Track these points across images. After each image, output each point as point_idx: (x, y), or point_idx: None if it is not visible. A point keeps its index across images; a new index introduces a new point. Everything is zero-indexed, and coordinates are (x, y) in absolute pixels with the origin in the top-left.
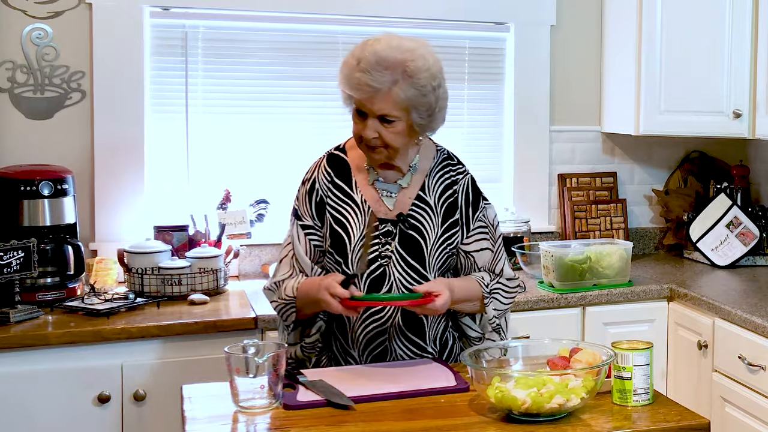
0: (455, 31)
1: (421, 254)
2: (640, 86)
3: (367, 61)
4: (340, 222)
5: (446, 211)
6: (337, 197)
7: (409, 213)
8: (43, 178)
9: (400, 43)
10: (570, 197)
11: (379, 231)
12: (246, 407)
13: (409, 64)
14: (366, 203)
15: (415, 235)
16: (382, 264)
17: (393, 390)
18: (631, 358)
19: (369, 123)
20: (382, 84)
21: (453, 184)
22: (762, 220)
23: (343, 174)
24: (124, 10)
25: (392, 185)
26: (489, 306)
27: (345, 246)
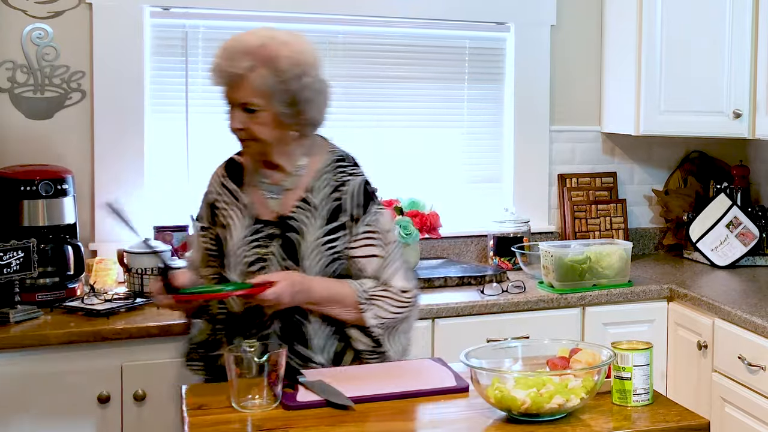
0: (455, 31)
1: (296, 256)
2: (640, 86)
3: (229, 48)
4: (225, 224)
5: (331, 213)
6: (226, 199)
7: (290, 215)
8: (43, 178)
9: (266, 33)
10: (570, 197)
11: (261, 233)
12: (246, 407)
13: (269, 49)
14: (251, 205)
15: (295, 237)
16: (262, 267)
17: (392, 390)
18: (631, 359)
19: (234, 113)
20: (240, 69)
21: (341, 186)
22: (762, 220)
23: (236, 176)
24: (124, 10)
25: (277, 186)
26: (367, 313)
27: (226, 248)
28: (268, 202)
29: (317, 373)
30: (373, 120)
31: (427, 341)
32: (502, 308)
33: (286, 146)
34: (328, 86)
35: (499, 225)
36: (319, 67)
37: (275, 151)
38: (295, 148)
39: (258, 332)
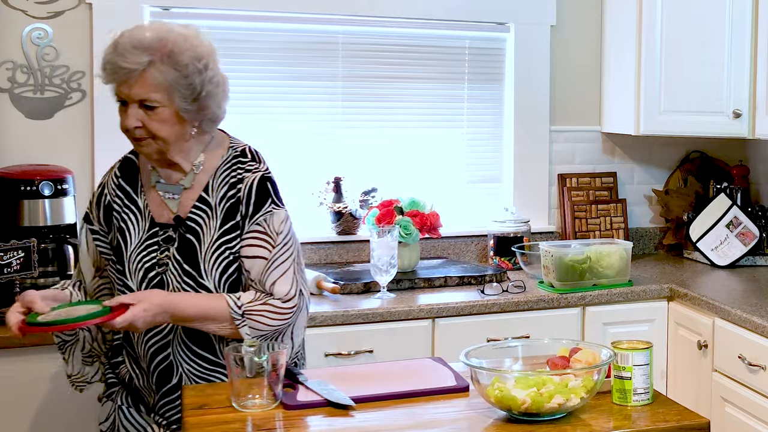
0: (455, 31)
1: (196, 260)
2: (640, 86)
3: (122, 45)
4: (120, 228)
5: (227, 212)
6: (122, 202)
7: (188, 216)
8: (43, 178)
9: (162, 26)
10: (570, 197)
11: (158, 237)
12: (246, 407)
13: (168, 43)
14: (147, 208)
15: (192, 239)
16: (159, 272)
17: (393, 390)
18: (631, 358)
19: (129, 111)
20: (137, 65)
21: (238, 183)
22: (762, 220)
23: (131, 177)
24: (124, 10)
25: (174, 186)
26: (242, 329)
27: (122, 255)
28: (167, 204)
29: (318, 373)
30: (373, 120)
31: (427, 341)
32: (502, 308)
33: (184, 143)
34: (227, 80)
35: (499, 225)
36: (218, 61)
37: (173, 149)
38: (193, 144)
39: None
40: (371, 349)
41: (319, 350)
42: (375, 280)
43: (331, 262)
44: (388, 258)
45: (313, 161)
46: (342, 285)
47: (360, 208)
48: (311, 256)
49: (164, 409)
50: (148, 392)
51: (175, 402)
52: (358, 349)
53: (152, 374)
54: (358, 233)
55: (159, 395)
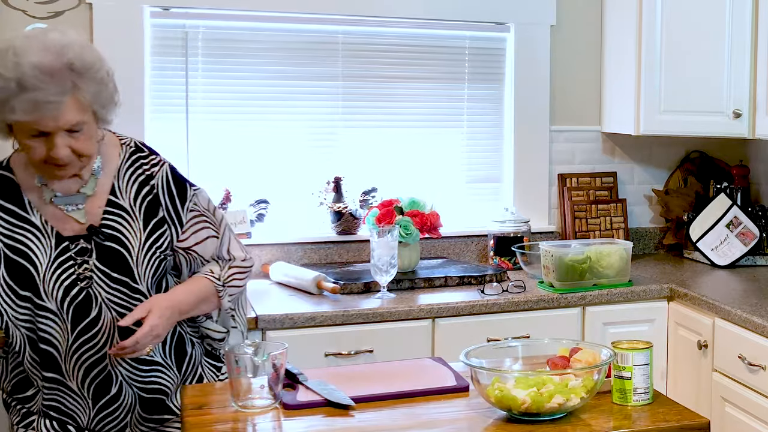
0: (455, 31)
1: (126, 266)
2: (640, 86)
3: (30, 79)
4: (19, 251)
5: (147, 211)
6: (9, 223)
7: (102, 223)
8: None
9: (52, 41)
10: (570, 197)
11: (70, 251)
12: (246, 407)
13: (76, 61)
14: (48, 224)
15: (116, 246)
16: (83, 287)
17: (393, 390)
18: (631, 358)
19: (58, 141)
20: (63, 94)
21: (149, 179)
22: (762, 220)
23: (12, 196)
24: (124, 10)
25: (76, 196)
26: (224, 297)
27: (32, 277)
28: (71, 216)
29: (318, 373)
30: (373, 120)
31: (427, 341)
32: (502, 308)
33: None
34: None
35: (499, 225)
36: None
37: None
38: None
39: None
40: (371, 349)
41: (319, 350)
42: (375, 280)
43: (331, 262)
44: (388, 258)
45: (314, 161)
46: (342, 285)
47: (360, 208)
48: (311, 256)
49: (102, 423)
50: (81, 411)
51: (115, 413)
52: (358, 349)
53: (87, 390)
54: (358, 233)
55: (96, 410)
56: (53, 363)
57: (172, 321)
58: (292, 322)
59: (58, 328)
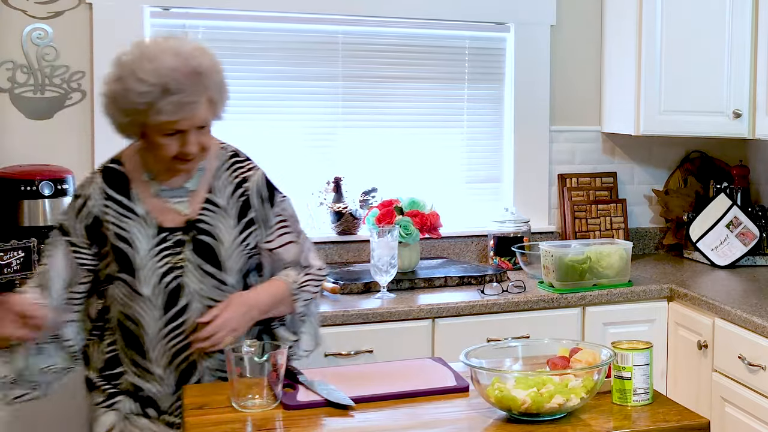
0: (455, 31)
1: (217, 259)
2: (640, 86)
3: (172, 83)
4: (123, 238)
5: (240, 211)
6: (117, 212)
7: (199, 218)
8: (43, 178)
9: (175, 50)
10: (570, 197)
11: (168, 242)
12: (246, 407)
13: (203, 63)
14: (150, 214)
15: (209, 240)
16: (176, 276)
17: (393, 390)
18: (631, 358)
19: (191, 138)
20: (201, 95)
21: (243, 182)
22: (762, 220)
23: (121, 187)
24: (124, 10)
25: (180, 190)
26: (298, 302)
27: (131, 262)
28: (175, 208)
29: (317, 373)
30: (373, 120)
31: (427, 341)
32: (502, 308)
33: None
34: None
35: (499, 225)
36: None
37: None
38: None
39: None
40: (371, 349)
41: (319, 350)
42: (375, 280)
43: (331, 262)
44: (388, 258)
45: (314, 161)
46: (342, 285)
47: (360, 208)
48: None
49: (180, 410)
50: (162, 396)
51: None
52: (358, 349)
53: (169, 377)
54: (358, 233)
55: (176, 397)
56: (140, 347)
57: (249, 318)
58: None
59: (149, 314)
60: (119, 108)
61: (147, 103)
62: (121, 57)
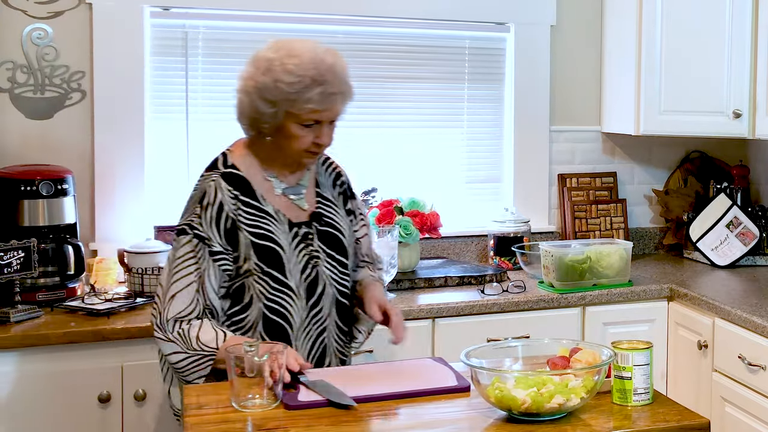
0: (455, 31)
1: (341, 246)
2: (640, 86)
3: (323, 74)
4: (265, 236)
5: (342, 202)
6: (250, 214)
7: (318, 211)
8: (43, 178)
9: (316, 45)
10: (570, 197)
11: (299, 236)
12: (246, 407)
13: (337, 61)
14: (279, 212)
15: (332, 230)
16: (314, 266)
17: (394, 390)
18: (631, 358)
19: (326, 129)
20: (341, 89)
21: (339, 176)
22: (762, 220)
23: (246, 190)
24: (124, 10)
25: (297, 187)
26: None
27: (279, 258)
28: (297, 204)
29: (318, 372)
30: (373, 120)
31: (427, 341)
32: (502, 308)
33: None
34: None
35: (499, 225)
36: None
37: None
38: None
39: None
40: (371, 349)
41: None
42: None
43: None
44: (388, 258)
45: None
46: None
47: None
48: None
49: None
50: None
51: None
52: (358, 350)
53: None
54: None
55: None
56: (286, 339)
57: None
58: None
59: (294, 305)
60: (266, 99)
61: (297, 92)
62: (265, 54)
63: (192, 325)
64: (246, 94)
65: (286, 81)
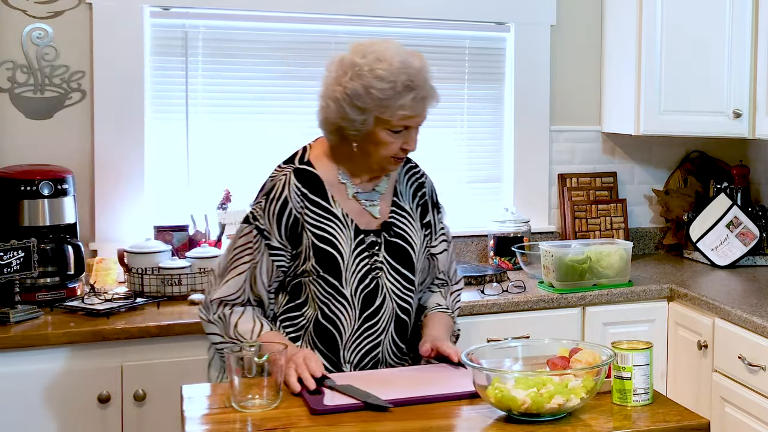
0: (455, 31)
1: (409, 261)
2: (640, 86)
3: (415, 80)
4: (325, 239)
5: (420, 215)
6: (316, 214)
7: (390, 221)
8: (43, 178)
9: (407, 51)
10: (570, 197)
11: (364, 244)
12: (246, 407)
13: (424, 65)
14: (348, 216)
15: (400, 242)
16: (374, 277)
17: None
18: (631, 358)
19: (413, 135)
20: (429, 93)
21: (421, 187)
22: (762, 220)
23: (318, 189)
24: (124, 10)
25: (371, 193)
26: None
27: (337, 263)
28: (368, 211)
29: (341, 377)
30: None
31: None
32: (502, 308)
33: None
34: None
35: (499, 225)
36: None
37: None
38: None
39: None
40: None
41: None
42: None
43: None
44: None
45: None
46: None
47: None
48: None
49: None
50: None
51: None
52: None
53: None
54: None
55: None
56: (334, 347)
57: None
58: None
59: (346, 314)
60: (357, 106)
61: (390, 98)
62: (351, 58)
63: (234, 311)
64: (333, 100)
65: (378, 87)
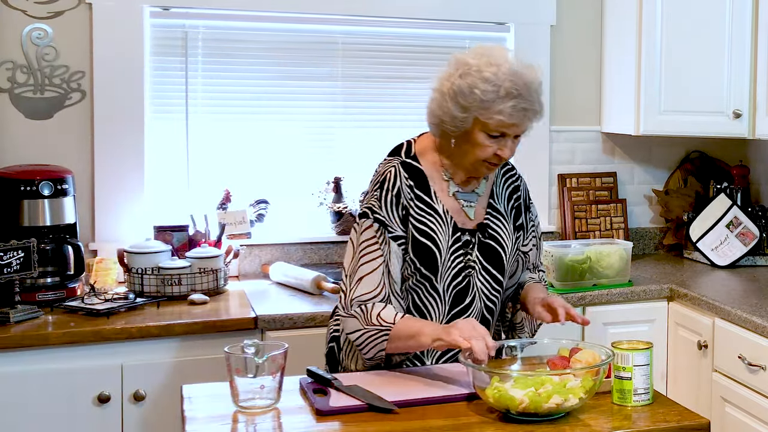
0: (455, 31)
1: (500, 262)
2: (640, 86)
3: (519, 88)
4: (426, 233)
5: (514, 217)
6: (419, 207)
7: (485, 221)
8: (43, 178)
9: (521, 61)
10: (570, 197)
11: (460, 242)
12: (246, 407)
13: (537, 78)
14: (448, 213)
15: (493, 243)
16: (468, 275)
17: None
18: (631, 358)
19: (509, 143)
20: (533, 105)
21: (516, 190)
22: (762, 220)
23: (422, 183)
24: (124, 10)
25: (470, 194)
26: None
27: (435, 259)
28: (465, 210)
29: (350, 377)
30: (373, 120)
31: None
32: None
33: None
34: None
35: None
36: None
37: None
38: None
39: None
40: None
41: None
42: None
43: (331, 262)
44: None
45: (313, 161)
46: None
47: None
48: (311, 256)
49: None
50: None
51: None
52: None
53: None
54: None
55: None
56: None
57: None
58: (292, 322)
59: (436, 308)
60: (459, 103)
61: (490, 101)
62: (465, 58)
63: (375, 306)
64: (440, 93)
65: (481, 88)
